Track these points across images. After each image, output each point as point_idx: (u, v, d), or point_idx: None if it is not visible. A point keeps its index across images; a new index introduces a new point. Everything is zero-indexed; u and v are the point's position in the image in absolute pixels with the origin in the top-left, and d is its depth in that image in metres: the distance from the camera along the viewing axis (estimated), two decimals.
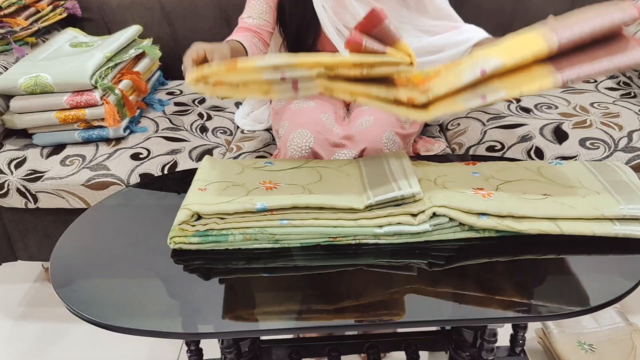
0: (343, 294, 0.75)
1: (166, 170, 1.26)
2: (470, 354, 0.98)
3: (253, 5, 1.26)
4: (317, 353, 1.14)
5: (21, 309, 1.55)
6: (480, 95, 0.74)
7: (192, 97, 1.60)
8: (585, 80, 1.58)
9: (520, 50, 0.73)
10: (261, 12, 1.26)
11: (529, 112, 1.40)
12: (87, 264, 0.83)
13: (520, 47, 0.73)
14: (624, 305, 1.37)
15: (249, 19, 1.26)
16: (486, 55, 0.75)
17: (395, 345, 1.14)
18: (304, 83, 0.76)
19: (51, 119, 1.29)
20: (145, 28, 1.62)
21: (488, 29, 1.64)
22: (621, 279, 0.74)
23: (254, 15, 1.26)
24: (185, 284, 0.77)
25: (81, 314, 0.71)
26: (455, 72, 0.77)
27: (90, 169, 1.26)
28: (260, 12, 1.26)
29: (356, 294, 0.74)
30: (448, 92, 0.75)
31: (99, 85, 1.29)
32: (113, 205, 0.99)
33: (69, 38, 1.56)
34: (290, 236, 0.80)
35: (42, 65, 1.33)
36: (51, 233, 1.37)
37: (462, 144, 1.35)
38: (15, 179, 1.26)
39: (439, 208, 0.79)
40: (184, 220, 0.79)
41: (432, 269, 0.78)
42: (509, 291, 0.74)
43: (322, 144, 1.15)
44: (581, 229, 0.79)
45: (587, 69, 0.72)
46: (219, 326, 0.71)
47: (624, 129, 1.28)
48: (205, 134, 1.41)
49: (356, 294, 0.74)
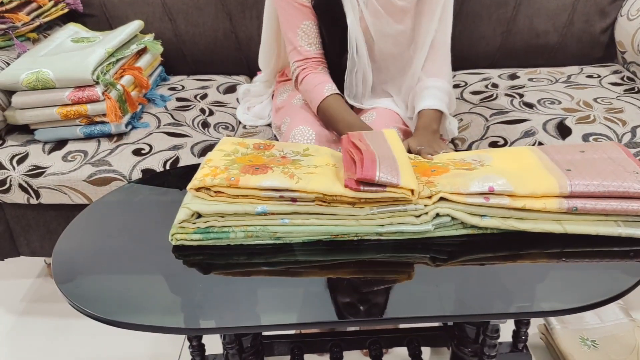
0: (345, 289, 0.75)
1: (168, 166, 1.26)
2: (472, 350, 0.98)
3: (307, 31, 1.21)
4: (319, 349, 1.14)
5: (24, 304, 1.55)
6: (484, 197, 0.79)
7: (194, 92, 1.60)
8: (589, 76, 1.58)
9: (532, 185, 0.78)
10: (315, 35, 1.22)
11: (532, 108, 1.40)
12: (89, 260, 0.83)
13: (533, 182, 0.79)
14: (627, 302, 1.37)
15: (310, 46, 1.22)
16: (498, 173, 0.81)
17: (397, 341, 1.14)
18: (303, 201, 0.79)
19: (53, 115, 1.29)
20: (147, 23, 1.62)
21: (490, 23, 1.64)
22: (624, 275, 0.74)
23: (312, 41, 1.22)
24: (187, 279, 0.77)
25: (83, 309, 0.71)
26: (464, 179, 0.81)
27: (92, 164, 1.26)
28: (314, 36, 1.22)
29: (358, 289, 0.74)
30: (452, 193, 0.79)
31: (101, 81, 1.29)
32: (115, 201, 0.99)
33: (70, 33, 1.56)
34: (291, 234, 0.80)
35: (43, 61, 1.32)
36: (53, 229, 1.37)
37: (465, 139, 1.34)
38: (17, 174, 1.26)
39: (442, 209, 0.79)
40: (184, 219, 0.79)
41: (435, 264, 0.78)
42: (511, 287, 0.74)
43: (323, 142, 1.15)
44: (585, 229, 0.78)
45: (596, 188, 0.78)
46: (221, 322, 0.71)
47: (627, 124, 1.27)
48: (207, 130, 1.41)
49: (358, 289, 0.74)
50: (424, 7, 1.18)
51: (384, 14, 1.16)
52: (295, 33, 1.21)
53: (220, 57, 1.73)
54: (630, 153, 0.85)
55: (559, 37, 1.66)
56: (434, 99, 1.15)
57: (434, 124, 1.12)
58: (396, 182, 0.75)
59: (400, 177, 0.76)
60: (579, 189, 0.77)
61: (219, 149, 0.90)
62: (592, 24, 1.65)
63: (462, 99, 1.52)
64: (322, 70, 1.22)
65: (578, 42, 1.67)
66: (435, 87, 1.17)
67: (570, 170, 0.81)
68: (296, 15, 1.20)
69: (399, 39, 1.21)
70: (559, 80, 1.56)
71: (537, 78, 1.58)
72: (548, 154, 0.88)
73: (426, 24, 1.18)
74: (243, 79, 1.74)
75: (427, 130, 1.10)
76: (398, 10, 1.17)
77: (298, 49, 1.22)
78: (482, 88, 1.57)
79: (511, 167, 0.84)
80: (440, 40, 1.20)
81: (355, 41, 1.18)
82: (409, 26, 1.20)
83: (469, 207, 0.79)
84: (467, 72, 1.70)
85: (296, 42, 1.22)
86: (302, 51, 1.22)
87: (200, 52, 1.71)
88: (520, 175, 0.81)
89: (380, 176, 0.75)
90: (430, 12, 1.17)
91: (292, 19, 1.20)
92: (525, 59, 1.70)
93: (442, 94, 1.17)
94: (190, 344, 1.04)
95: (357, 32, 1.17)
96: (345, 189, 0.77)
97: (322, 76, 1.21)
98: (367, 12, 1.16)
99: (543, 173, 0.82)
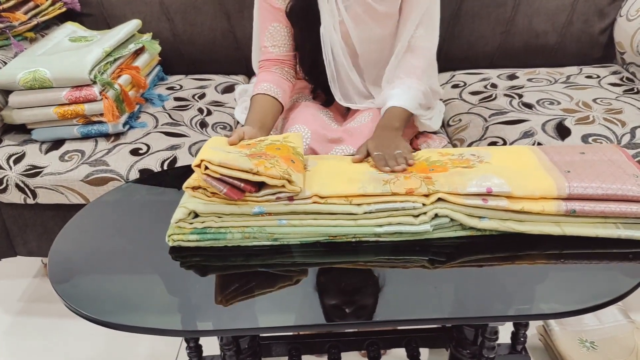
0: (343, 291, 0.74)
1: (166, 166, 1.25)
2: (471, 352, 0.98)
3: (274, 33, 1.20)
4: (317, 350, 1.13)
5: (21, 304, 1.55)
6: (482, 198, 0.79)
7: (192, 92, 1.59)
8: (588, 76, 1.57)
9: (530, 186, 0.79)
10: (282, 37, 1.21)
11: (531, 108, 1.39)
12: (86, 260, 0.82)
13: (531, 183, 0.79)
14: (626, 303, 1.36)
15: (274, 48, 1.21)
16: (496, 173, 0.81)
17: (395, 342, 1.13)
18: (299, 199, 0.80)
19: (50, 114, 1.28)
20: (144, 23, 1.61)
21: (489, 23, 1.64)
22: (624, 276, 0.73)
23: (278, 43, 1.21)
24: (184, 280, 0.77)
25: (79, 310, 0.71)
26: (462, 178, 0.81)
27: (89, 164, 1.25)
28: (281, 38, 1.21)
29: (356, 291, 0.74)
30: (450, 193, 0.79)
31: (98, 80, 1.28)
32: (112, 201, 0.99)
33: (68, 32, 1.55)
34: (289, 235, 0.80)
35: (41, 60, 1.32)
36: (50, 229, 1.36)
37: (464, 140, 1.34)
38: (14, 174, 1.25)
39: (441, 209, 0.79)
40: (180, 218, 0.79)
41: (433, 266, 0.77)
42: (510, 289, 0.74)
43: (319, 140, 1.14)
44: (584, 231, 0.78)
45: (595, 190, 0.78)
46: (218, 323, 0.71)
47: (627, 125, 1.27)
48: (205, 129, 1.40)
49: (356, 291, 0.74)
50: (403, 12, 1.18)
51: (366, 19, 1.15)
52: (263, 33, 1.21)
53: (218, 57, 1.72)
54: (630, 156, 0.85)
55: (558, 38, 1.65)
56: (397, 97, 1.13)
57: (395, 121, 1.10)
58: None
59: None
60: (577, 191, 0.77)
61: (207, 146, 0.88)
62: (592, 24, 1.64)
63: (460, 99, 1.52)
64: (275, 70, 1.21)
65: (577, 42, 1.66)
66: (403, 84, 1.16)
67: (570, 172, 0.81)
68: (267, 16, 1.20)
69: (382, 45, 1.20)
70: (558, 80, 1.55)
71: (536, 78, 1.58)
72: (547, 154, 0.87)
73: (401, 28, 1.18)
74: (241, 78, 1.73)
75: (386, 128, 1.08)
76: (380, 15, 1.15)
77: (262, 49, 1.23)
78: (481, 88, 1.56)
79: (510, 166, 0.84)
80: (421, 45, 1.18)
81: (331, 46, 1.17)
82: (392, 32, 1.19)
83: (468, 208, 0.79)
84: (466, 72, 1.69)
85: (263, 41, 1.22)
86: (265, 52, 1.23)
87: (198, 52, 1.71)
88: (519, 175, 0.81)
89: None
90: (404, 17, 1.16)
91: (263, 19, 1.21)
92: (524, 59, 1.69)
93: (408, 91, 1.15)
94: (187, 345, 1.04)
95: (332, 38, 1.16)
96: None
97: (266, 75, 1.20)
98: (347, 17, 1.15)
99: (541, 174, 0.81)
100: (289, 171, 0.79)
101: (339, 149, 1.14)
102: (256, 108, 1.14)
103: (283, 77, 1.21)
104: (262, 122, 1.10)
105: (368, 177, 0.85)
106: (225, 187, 0.77)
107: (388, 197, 0.79)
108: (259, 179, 0.77)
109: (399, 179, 0.82)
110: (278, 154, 0.84)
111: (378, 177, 0.84)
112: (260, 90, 1.16)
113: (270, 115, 1.15)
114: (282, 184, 0.77)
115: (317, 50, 1.19)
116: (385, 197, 0.79)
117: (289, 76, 1.23)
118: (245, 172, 0.76)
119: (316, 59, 1.22)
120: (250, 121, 1.10)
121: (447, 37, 1.64)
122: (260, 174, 0.77)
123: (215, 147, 0.82)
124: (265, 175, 0.77)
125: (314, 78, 1.30)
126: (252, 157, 0.81)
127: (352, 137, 1.15)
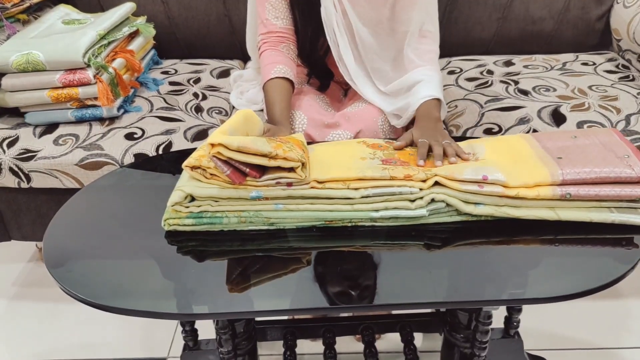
0: (338, 275, 0.74)
1: (161, 151, 1.25)
2: (464, 336, 0.98)
3: (275, 4, 1.19)
4: (312, 334, 1.14)
5: (15, 289, 1.55)
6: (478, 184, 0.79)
7: (187, 76, 1.58)
8: (584, 63, 1.57)
9: (525, 176, 0.79)
10: (284, 9, 1.19)
11: (527, 95, 1.39)
12: (81, 244, 0.82)
13: (526, 173, 0.80)
14: (618, 287, 1.38)
15: (277, 19, 1.19)
16: (492, 165, 0.81)
17: (390, 327, 1.14)
18: (298, 184, 0.80)
19: (43, 98, 1.27)
20: (139, 6, 1.59)
21: (486, 9, 1.63)
22: (616, 262, 0.74)
23: (280, 15, 1.19)
24: (180, 264, 0.77)
25: (75, 294, 0.71)
26: (459, 166, 0.82)
27: (83, 148, 1.24)
28: (284, 10, 1.19)
29: (351, 275, 0.74)
30: (447, 177, 0.80)
31: (92, 64, 1.27)
32: (107, 186, 0.98)
33: (61, 15, 1.53)
34: (285, 220, 0.80)
35: (34, 43, 1.30)
36: (44, 213, 1.36)
37: (460, 126, 1.34)
38: (8, 158, 1.25)
39: (437, 194, 0.79)
40: (177, 201, 0.79)
41: (428, 251, 0.78)
42: (504, 274, 0.74)
43: (315, 126, 1.14)
44: (578, 215, 0.78)
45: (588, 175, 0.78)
46: (213, 307, 0.71)
47: (622, 112, 1.27)
48: (201, 114, 1.40)
49: (351, 275, 0.74)
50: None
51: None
52: (264, 6, 1.19)
53: (213, 41, 1.70)
54: (622, 136, 0.85)
55: (555, 24, 1.65)
56: (430, 88, 1.13)
57: (434, 111, 1.10)
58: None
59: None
60: (570, 177, 0.78)
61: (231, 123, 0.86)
62: (588, 11, 1.64)
63: (457, 86, 1.52)
64: (283, 48, 1.19)
65: (574, 29, 1.66)
66: (429, 76, 1.16)
67: (561, 158, 0.81)
68: None
69: (376, 29, 1.19)
70: (554, 67, 1.55)
71: (532, 65, 1.58)
72: (540, 141, 0.87)
73: (406, 14, 1.16)
74: (237, 63, 1.72)
75: (429, 118, 1.07)
76: None
77: (264, 22, 1.21)
78: (477, 75, 1.56)
79: (504, 160, 0.84)
80: (430, 30, 1.18)
81: (333, 28, 1.16)
82: (386, 16, 1.18)
83: (464, 194, 0.79)
84: (462, 58, 1.69)
85: (264, 14, 1.20)
86: (267, 24, 1.20)
87: (193, 36, 1.69)
88: (513, 167, 0.81)
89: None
90: (410, 3, 1.15)
91: None
92: (520, 45, 1.69)
93: (436, 82, 1.15)
94: (183, 329, 1.04)
95: (334, 17, 1.15)
96: None
97: (277, 56, 1.18)
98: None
99: (535, 163, 0.82)
100: (304, 157, 0.79)
101: (335, 133, 1.13)
102: (278, 95, 1.13)
103: (291, 59, 1.20)
104: (288, 116, 1.12)
105: (368, 163, 0.85)
106: (229, 169, 0.76)
107: (386, 182, 0.79)
108: (275, 164, 0.77)
109: (398, 167, 0.82)
110: (292, 141, 0.84)
111: (378, 165, 0.84)
112: (277, 73, 1.14)
113: (290, 105, 1.15)
114: (298, 166, 0.77)
115: (318, 33, 1.18)
116: (383, 181, 0.79)
117: (294, 56, 1.22)
118: (261, 157, 0.76)
119: (317, 42, 1.20)
120: (281, 117, 1.10)
121: (443, 23, 1.63)
122: (278, 157, 0.76)
123: (236, 129, 0.82)
124: (283, 158, 0.76)
125: (312, 63, 1.29)
126: (270, 140, 0.80)
127: (348, 122, 1.15)
